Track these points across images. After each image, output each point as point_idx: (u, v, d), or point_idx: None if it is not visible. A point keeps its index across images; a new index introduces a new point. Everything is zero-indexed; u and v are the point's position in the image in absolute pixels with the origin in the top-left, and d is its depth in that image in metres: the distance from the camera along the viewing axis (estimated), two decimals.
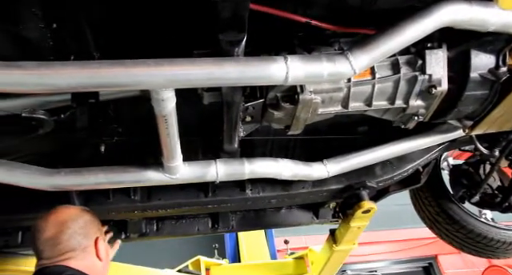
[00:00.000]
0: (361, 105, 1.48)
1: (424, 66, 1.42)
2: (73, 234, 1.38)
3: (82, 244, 1.39)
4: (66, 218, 1.40)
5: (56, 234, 1.36)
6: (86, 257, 1.40)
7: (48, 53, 1.23)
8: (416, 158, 2.06)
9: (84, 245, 1.40)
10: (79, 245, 1.39)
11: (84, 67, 1.04)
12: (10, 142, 1.45)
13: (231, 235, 4.43)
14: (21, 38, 1.18)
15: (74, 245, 1.37)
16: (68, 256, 1.35)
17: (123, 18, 1.24)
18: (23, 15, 1.11)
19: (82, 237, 1.40)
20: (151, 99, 1.18)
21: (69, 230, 1.38)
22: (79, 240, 1.39)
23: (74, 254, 1.36)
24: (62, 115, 1.30)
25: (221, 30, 1.15)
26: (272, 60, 1.14)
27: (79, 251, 1.38)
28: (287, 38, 1.39)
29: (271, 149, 1.93)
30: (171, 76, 1.08)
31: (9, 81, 1.01)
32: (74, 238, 1.38)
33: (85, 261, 1.39)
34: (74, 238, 1.38)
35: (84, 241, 1.41)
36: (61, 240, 1.36)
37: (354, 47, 1.20)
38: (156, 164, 1.51)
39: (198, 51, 1.31)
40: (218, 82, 1.13)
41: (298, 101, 1.35)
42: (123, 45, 1.31)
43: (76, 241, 1.38)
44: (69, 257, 1.35)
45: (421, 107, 1.52)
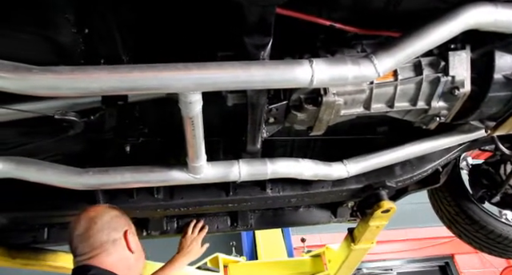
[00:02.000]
0: (383, 106, 1.49)
1: (447, 68, 1.42)
2: (100, 229, 1.44)
3: (110, 237, 1.45)
4: (93, 215, 1.47)
5: (85, 230, 1.43)
6: (118, 250, 1.45)
7: (79, 57, 1.27)
8: (436, 158, 2.06)
9: (113, 238, 1.45)
10: (108, 238, 1.44)
11: (115, 71, 1.08)
12: (40, 142, 1.50)
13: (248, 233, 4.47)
14: (53, 43, 1.22)
15: (103, 239, 1.43)
16: (99, 251, 1.40)
17: (151, 22, 1.27)
18: (56, 21, 1.14)
19: (110, 231, 1.46)
20: (179, 102, 1.21)
21: (96, 225, 1.44)
22: (107, 233, 1.45)
23: (104, 248, 1.41)
24: (92, 117, 1.34)
25: (247, 34, 1.17)
26: (297, 63, 1.16)
27: (109, 245, 1.43)
28: (310, 40, 1.41)
29: (291, 149, 1.95)
30: (199, 80, 1.11)
31: (45, 85, 1.05)
32: (102, 232, 1.44)
33: (116, 254, 1.44)
34: (102, 232, 1.44)
35: (112, 234, 1.46)
36: (89, 235, 1.42)
37: (378, 50, 1.21)
38: (180, 164, 1.54)
39: (221, 53, 1.34)
40: (245, 86, 1.16)
41: (322, 103, 1.36)
42: (150, 48, 1.35)
43: (104, 235, 1.44)
44: (100, 252, 1.40)
45: (443, 108, 1.52)
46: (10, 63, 1.06)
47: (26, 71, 1.05)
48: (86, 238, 1.42)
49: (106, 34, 1.22)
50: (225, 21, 1.28)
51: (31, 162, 1.48)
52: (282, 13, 1.18)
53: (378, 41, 1.43)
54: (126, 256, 1.48)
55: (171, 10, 1.24)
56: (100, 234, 1.43)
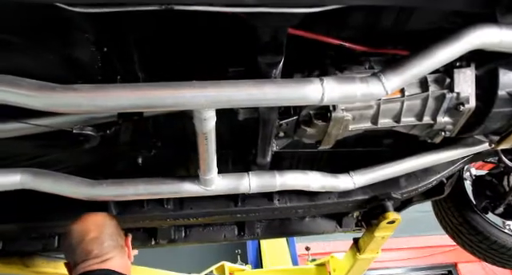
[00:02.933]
0: (389, 121, 1.53)
1: (452, 84, 1.47)
2: (112, 234, 1.49)
3: (119, 242, 1.51)
4: (102, 221, 1.52)
5: (100, 234, 1.46)
6: (123, 255, 1.51)
7: (96, 73, 1.31)
8: (440, 170, 2.09)
9: (121, 244, 1.52)
10: (117, 243, 1.49)
11: (135, 89, 1.12)
12: (55, 155, 1.54)
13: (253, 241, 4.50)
14: (72, 60, 1.26)
15: (115, 244, 1.48)
16: (113, 254, 1.44)
17: (166, 40, 1.31)
18: (77, 40, 1.19)
19: (118, 237, 1.52)
20: (194, 118, 1.25)
21: (109, 230, 1.49)
22: (116, 239, 1.50)
23: (116, 252, 1.46)
24: (108, 131, 1.38)
25: (260, 53, 1.22)
26: (308, 82, 1.20)
27: (119, 249, 1.49)
28: (319, 57, 1.45)
29: (298, 160, 1.99)
30: (214, 97, 1.15)
31: (67, 102, 1.09)
32: (114, 238, 1.49)
33: (123, 259, 1.50)
34: (114, 238, 1.49)
35: (120, 240, 1.52)
36: (105, 239, 1.46)
37: (386, 69, 1.25)
38: (192, 176, 1.58)
39: (232, 69, 1.38)
40: (258, 103, 1.20)
41: (331, 119, 1.40)
42: (164, 64, 1.39)
43: (115, 241, 1.49)
44: (114, 256, 1.44)
45: (448, 123, 1.56)
46: (35, 82, 1.10)
47: (50, 89, 1.09)
48: (101, 242, 1.45)
49: (124, 53, 1.27)
50: (237, 39, 1.32)
51: (47, 174, 1.52)
52: (294, 34, 1.22)
53: (385, 58, 1.48)
54: (127, 262, 1.54)
55: (186, 30, 1.28)
56: (112, 239, 1.48)
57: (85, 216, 1.51)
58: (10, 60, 1.20)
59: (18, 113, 1.30)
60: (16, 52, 1.18)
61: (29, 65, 1.23)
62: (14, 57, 1.20)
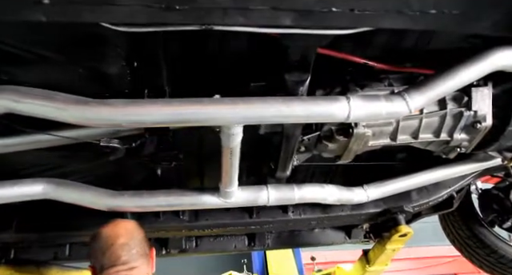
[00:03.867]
0: (408, 137, 1.56)
1: (470, 103, 1.50)
2: (140, 242, 1.49)
3: (146, 251, 1.50)
4: (132, 228, 1.52)
5: (129, 241, 1.46)
6: (148, 265, 1.50)
7: (124, 86, 1.34)
8: (451, 184, 2.13)
9: (147, 252, 1.51)
10: (145, 252, 1.49)
11: (167, 105, 1.14)
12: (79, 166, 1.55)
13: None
14: (102, 74, 1.28)
15: (142, 253, 1.48)
16: (140, 262, 1.44)
17: (194, 56, 1.33)
18: (109, 55, 1.22)
19: (145, 246, 1.52)
20: (221, 133, 1.27)
21: (138, 238, 1.50)
22: (144, 248, 1.50)
23: (143, 261, 1.45)
24: (134, 143, 1.40)
25: (287, 71, 1.25)
26: (335, 100, 1.23)
27: (145, 258, 1.48)
28: (340, 74, 1.48)
29: (312, 173, 2.01)
30: (245, 114, 1.17)
31: (101, 117, 1.11)
32: (142, 246, 1.49)
33: (148, 269, 1.49)
34: (142, 246, 1.49)
35: (147, 249, 1.52)
36: (134, 246, 1.46)
37: (410, 88, 1.28)
38: (212, 188, 1.60)
39: (254, 83, 1.41)
40: (286, 120, 1.23)
41: (352, 135, 1.43)
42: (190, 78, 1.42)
43: (143, 249, 1.49)
44: (140, 264, 1.44)
45: (464, 140, 1.59)
46: (70, 96, 1.13)
47: (85, 104, 1.11)
48: (131, 248, 1.45)
49: (153, 68, 1.29)
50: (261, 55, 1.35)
51: (69, 184, 1.53)
52: (321, 53, 1.25)
53: (403, 75, 1.51)
54: (150, 273, 1.53)
55: (213, 46, 1.31)
56: (141, 247, 1.48)
57: (116, 221, 1.52)
58: (44, 74, 1.22)
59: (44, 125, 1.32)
60: (50, 66, 1.21)
61: (59, 79, 1.25)
62: (48, 72, 1.22)
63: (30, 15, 0.88)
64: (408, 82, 1.49)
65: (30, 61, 1.19)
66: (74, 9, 0.89)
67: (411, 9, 1.00)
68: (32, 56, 1.16)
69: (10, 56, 1.16)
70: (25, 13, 0.87)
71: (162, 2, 0.89)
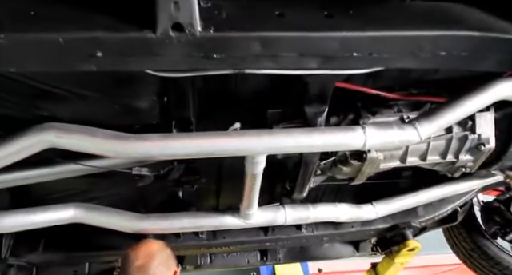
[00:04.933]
0: (416, 160, 1.66)
1: (474, 127, 1.61)
2: (158, 265, 1.58)
3: (167, 273, 1.58)
4: (153, 250, 1.61)
5: (145, 263, 1.55)
6: None
7: (152, 118, 1.43)
8: (455, 199, 2.23)
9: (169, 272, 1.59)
10: (165, 273, 1.57)
11: (199, 139, 1.24)
12: (106, 192, 1.64)
13: None
14: (133, 108, 1.38)
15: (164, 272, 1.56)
16: None
17: (218, 90, 1.43)
18: (143, 92, 1.31)
19: (165, 269, 1.60)
20: (246, 161, 1.37)
21: (156, 261, 1.57)
22: (163, 271, 1.58)
23: None
24: (162, 171, 1.49)
25: (307, 103, 1.36)
26: (352, 130, 1.33)
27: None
28: (352, 101, 1.58)
29: (323, 191, 2.11)
30: (269, 145, 1.27)
31: (140, 151, 1.20)
32: (159, 269, 1.57)
33: None
34: (159, 269, 1.57)
35: (166, 272, 1.60)
36: (149, 268, 1.55)
37: (420, 117, 1.38)
38: (232, 210, 1.69)
39: (271, 110, 1.51)
40: (307, 150, 1.33)
41: (366, 159, 1.53)
42: (213, 109, 1.51)
43: (159, 272, 1.57)
44: None
45: (469, 161, 1.69)
46: (109, 132, 1.22)
47: (124, 139, 1.20)
48: (145, 271, 1.54)
49: (181, 101, 1.39)
50: (279, 86, 1.45)
51: (97, 209, 1.62)
52: (339, 86, 1.35)
53: (411, 101, 1.62)
54: None
55: (237, 81, 1.41)
56: (158, 270, 1.56)
57: (141, 243, 1.61)
58: (81, 110, 1.32)
59: (78, 154, 1.41)
60: (87, 103, 1.30)
61: (95, 114, 1.35)
62: (85, 108, 1.31)
63: (84, 67, 0.97)
64: (415, 108, 1.60)
65: (70, 99, 1.28)
66: (123, 60, 0.98)
67: (423, 52, 1.10)
68: (72, 95, 1.26)
69: (52, 95, 1.25)
70: (80, 65, 0.96)
71: (202, 52, 0.99)
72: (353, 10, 1.07)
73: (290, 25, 1.01)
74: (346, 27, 1.03)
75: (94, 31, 0.92)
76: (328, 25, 1.03)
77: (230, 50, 1.00)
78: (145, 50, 0.97)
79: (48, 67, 0.97)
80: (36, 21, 0.91)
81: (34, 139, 1.19)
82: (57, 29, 0.91)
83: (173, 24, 0.93)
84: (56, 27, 0.91)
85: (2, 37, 0.87)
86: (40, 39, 0.90)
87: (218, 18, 0.99)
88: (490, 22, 1.11)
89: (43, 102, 1.29)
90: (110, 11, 0.96)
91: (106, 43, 0.94)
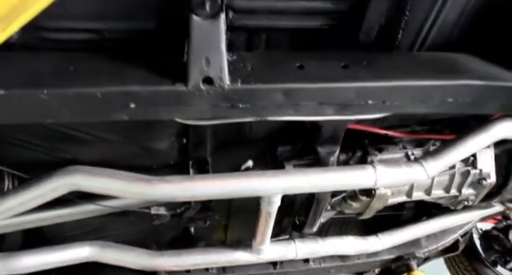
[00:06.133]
0: (422, 194, 1.73)
1: (475, 162, 1.68)
2: None
3: None
4: None
5: None
6: None
7: (170, 159, 1.49)
8: (456, 229, 2.29)
9: None
10: None
11: (220, 180, 1.28)
12: (122, 230, 1.67)
13: None
14: (152, 150, 1.43)
15: None
16: None
17: (237, 132, 1.49)
18: (163, 135, 1.37)
19: None
20: (261, 200, 1.41)
21: None
22: None
23: None
24: (179, 210, 1.53)
25: (320, 144, 1.42)
26: (363, 169, 1.39)
27: None
28: (359, 138, 1.66)
29: (330, 223, 2.15)
30: (286, 186, 1.32)
31: (162, 194, 1.25)
32: None
33: None
34: None
35: None
36: None
37: (427, 156, 1.44)
38: (244, 245, 1.72)
39: (281, 148, 1.58)
40: (321, 189, 1.38)
41: (374, 196, 1.59)
42: (228, 148, 1.57)
43: None
44: None
45: (471, 195, 1.76)
46: (131, 175, 1.26)
47: (146, 182, 1.25)
48: None
49: (199, 142, 1.44)
50: (290, 126, 1.51)
51: (112, 246, 1.63)
52: (350, 128, 1.42)
53: (415, 139, 1.70)
54: None
55: (253, 124, 1.47)
56: None
57: None
58: (102, 153, 1.36)
59: None
60: (109, 146, 1.35)
61: (115, 156, 1.40)
62: (106, 151, 1.36)
63: (116, 117, 1.02)
64: (419, 145, 1.68)
65: (93, 143, 1.33)
66: (154, 110, 1.04)
67: (432, 100, 1.18)
68: (95, 138, 1.31)
69: (76, 138, 1.30)
70: (112, 115, 1.02)
71: (229, 103, 1.05)
72: (366, 61, 1.15)
73: (309, 76, 1.08)
74: (361, 77, 1.11)
75: (129, 85, 0.98)
76: (345, 75, 1.11)
77: (255, 101, 1.07)
78: (175, 102, 1.03)
79: (83, 118, 1.03)
80: (75, 77, 0.97)
81: (59, 182, 1.23)
82: (94, 84, 0.96)
83: (203, 78, 1.00)
84: (94, 82, 0.97)
85: (44, 93, 0.92)
86: (79, 94, 0.96)
87: (244, 71, 1.06)
88: (492, 72, 1.20)
89: (67, 146, 1.33)
90: (144, 65, 1.03)
91: (139, 96, 1.00)
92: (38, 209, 1.44)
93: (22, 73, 0.95)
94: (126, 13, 1.01)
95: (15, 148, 1.30)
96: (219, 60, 0.98)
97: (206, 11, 0.93)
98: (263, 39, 1.20)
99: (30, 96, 0.93)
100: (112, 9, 0.98)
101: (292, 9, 1.11)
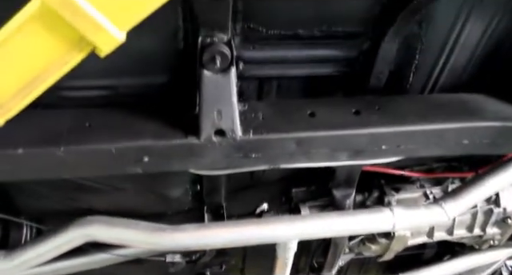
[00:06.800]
0: (443, 234, 1.67)
1: (498, 200, 1.63)
2: None
3: None
4: None
5: None
6: None
7: (185, 205, 1.48)
8: (485, 269, 2.19)
9: None
10: None
11: (233, 227, 1.27)
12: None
13: None
14: (167, 197, 1.43)
15: None
16: None
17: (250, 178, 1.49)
18: (178, 183, 1.37)
19: None
20: (277, 247, 1.39)
21: None
22: None
23: None
24: (194, 256, 1.52)
25: (335, 187, 1.40)
26: (380, 212, 1.35)
27: None
28: (376, 179, 1.63)
29: (349, 263, 2.09)
30: (302, 231, 1.29)
31: (177, 243, 1.24)
32: None
33: None
34: None
35: None
36: None
37: (447, 198, 1.41)
38: None
39: (295, 189, 1.56)
40: (338, 234, 1.35)
41: (394, 238, 1.55)
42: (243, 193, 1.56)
43: None
44: None
45: (497, 234, 1.70)
46: (148, 224, 1.25)
47: (162, 231, 1.24)
48: None
49: (214, 188, 1.44)
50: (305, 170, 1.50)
51: None
52: (364, 170, 1.41)
53: (431, 177, 1.66)
54: None
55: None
56: None
57: None
58: (119, 202, 1.37)
59: None
60: (125, 195, 1.36)
61: (131, 204, 1.40)
62: (122, 199, 1.37)
63: (131, 170, 1.04)
64: (438, 183, 1.64)
65: (108, 192, 1.34)
66: (167, 163, 1.05)
67: (447, 142, 1.16)
68: (110, 188, 1.32)
69: (92, 189, 1.31)
70: (127, 169, 1.03)
71: (241, 153, 1.06)
72: (378, 105, 1.15)
73: (321, 124, 1.08)
74: (373, 123, 1.10)
75: (143, 140, 1.00)
76: (357, 122, 1.10)
77: (267, 150, 1.07)
78: (188, 154, 1.03)
79: (98, 172, 1.04)
80: (91, 133, 0.99)
81: (75, 234, 1.23)
82: (109, 141, 0.98)
83: (216, 130, 1.01)
84: (108, 138, 0.99)
85: (61, 151, 0.94)
86: (94, 150, 0.97)
87: (256, 121, 1.06)
88: (508, 111, 1.18)
89: (83, 195, 1.35)
90: (157, 118, 1.05)
91: (153, 149, 1.01)
92: (53, 260, 1.45)
93: (40, 131, 0.98)
94: (140, 69, 1.04)
95: (33, 199, 1.32)
96: (231, 112, 1.00)
97: (217, 66, 0.94)
98: (274, 86, 1.22)
99: (47, 154, 0.95)
100: (126, 66, 1.01)
101: (302, 59, 1.13)
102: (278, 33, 1.05)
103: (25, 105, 0.71)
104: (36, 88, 0.68)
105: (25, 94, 0.70)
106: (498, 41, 1.15)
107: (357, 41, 1.11)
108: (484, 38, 1.14)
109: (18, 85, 0.67)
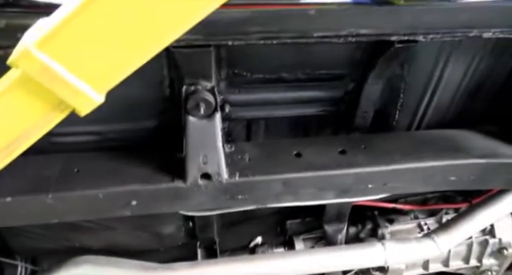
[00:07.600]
0: (439, 266, 1.66)
1: (493, 231, 1.62)
2: None
3: None
4: None
5: None
6: None
7: (178, 241, 1.49)
8: None
9: None
10: None
11: (227, 264, 1.27)
12: None
13: None
14: (159, 233, 1.44)
15: None
16: None
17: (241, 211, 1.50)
18: (169, 220, 1.39)
19: None
20: None
21: None
22: None
23: None
24: None
25: (326, 222, 1.41)
26: (372, 246, 1.35)
27: None
28: (369, 211, 1.63)
29: None
30: (295, 267, 1.29)
31: None
32: None
33: None
34: None
35: None
36: None
37: (439, 231, 1.41)
38: None
39: (290, 221, 1.57)
40: (330, 269, 1.35)
41: (388, 271, 1.54)
42: (235, 227, 1.57)
43: None
44: None
45: (494, 265, 1.68)
46: (138, 263, 1.26)
47: (153, 270, 1.24)
48: None
49: (206, 224, 1.45)
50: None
51: None
52: (356, 204, 1.41)
53: (425, 209, 1.66)
54: None
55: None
56: None
57: None
58: (111, 240, 1.38)
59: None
60: (117, 234, 1.37)
61: (124, 242, 1.41)
62: (114, 238, 1.38)
63: (119, 213, 1.05)
64: (432, 213, 1.64)
65: (101, 231, 1.35)
66: (155, 205, 1.06)
67: (434, 179, 1.17)
68: (103, 227, 1.33)
69: (84, 228, 1.33)
70: (115, 212, 1.05)
71: (228, 195, 1.07)
72: (364, 144, 1.16)
73: (307, 165, 1.10)
74: (359, 163, 1.11)
75: (130, 184, 1.02)
76: (343, 162, 1.11)
77: (254, 192, 1.08)
78: (175, 197, 1.05)
79: (87, 217, 1.06)
80: (79, 179, 1.01)
81: (68, 274, 1.24)
82: (97, 186, 1.00)
83: (201, 174, 1.02)
84: (96, 184, 1.01)
85: (49, 198, 0.96)
86: (82, 196, 0.99)
87: (242, 163, 1.08)
88: (493, 148, 1.19)
89: (75, 235, 1.36)
90: (144, 162, 1.07)
91: (140, 194, 1.03)
92: None
93: (29, 178, 1.00)
94: (127, 115, 1.07)
95: (26, 239, 1.33)
96: (216, 156, 1.01)
97: (201, 113, 0.97)
98: (262, 126, 1.24)
99: (36, 201, 0.96)
100: (114, 113, 1.04)
101: (288, 100, 1.15)
102: (262, 77, 1.08)
103: (11, 160, 0.73)
104: (21, 145, 0.70)
105: (10, 151, 0.72)
106: (480, 80, 1.17)
107: (341, 83, 1.14)
108: (466, 77, 1.16)
109: (2, 144, 0.69)
